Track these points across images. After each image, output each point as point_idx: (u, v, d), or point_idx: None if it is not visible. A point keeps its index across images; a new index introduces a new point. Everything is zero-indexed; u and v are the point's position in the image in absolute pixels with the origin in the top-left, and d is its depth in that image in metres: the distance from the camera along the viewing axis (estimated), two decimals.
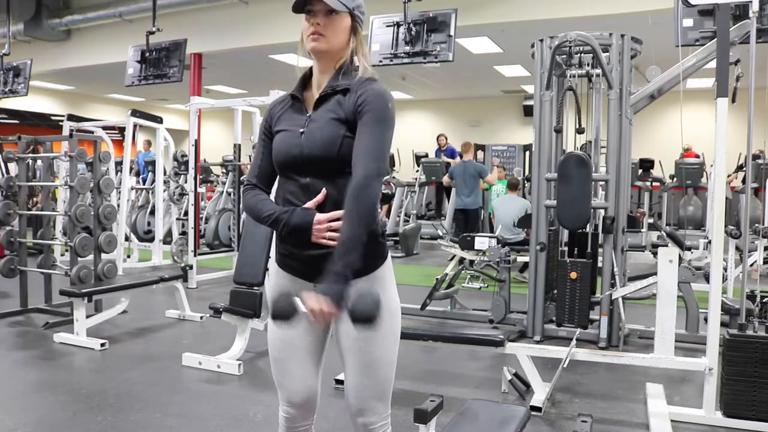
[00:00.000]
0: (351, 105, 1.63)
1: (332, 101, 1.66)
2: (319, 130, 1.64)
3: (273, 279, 1.80)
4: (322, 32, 1.63)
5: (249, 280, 4.19)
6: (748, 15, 3.25)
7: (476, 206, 8.47)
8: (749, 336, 3.02)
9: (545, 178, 4.41)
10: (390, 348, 1.71)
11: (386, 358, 1.70)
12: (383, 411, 1.73)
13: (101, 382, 3.73)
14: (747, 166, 3.75)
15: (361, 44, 1.71)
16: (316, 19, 1.63)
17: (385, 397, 1.73)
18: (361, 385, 1.70)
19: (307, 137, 1.65)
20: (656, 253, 4.07)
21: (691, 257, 5.12)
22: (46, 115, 16.17)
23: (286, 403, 1.78)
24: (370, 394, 1.70)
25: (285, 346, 1.75)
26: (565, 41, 4.05)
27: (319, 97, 1.69)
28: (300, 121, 1.69)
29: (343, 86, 1.65)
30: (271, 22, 8.64)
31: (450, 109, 16.07)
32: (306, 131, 1.66)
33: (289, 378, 1.76)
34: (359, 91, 1.63)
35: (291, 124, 1.71)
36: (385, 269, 1.71)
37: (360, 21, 1.70)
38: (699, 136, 8.11)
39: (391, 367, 1.72)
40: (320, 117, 1.66)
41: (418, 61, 5.28)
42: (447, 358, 4.25)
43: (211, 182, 11.11)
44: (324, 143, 1.62)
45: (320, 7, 1.61)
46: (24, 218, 5.53)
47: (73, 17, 9.82)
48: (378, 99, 1.62)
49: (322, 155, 1.62)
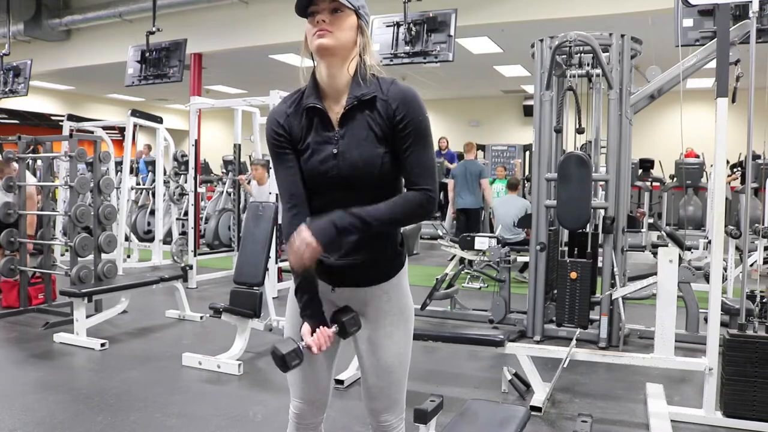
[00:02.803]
0: (386, 117, 1.57)
1: (363, 116, 1.58)
2: (355, 149, 1.57)
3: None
4: (328, 29, 1.54)
5: (249, 280, 4.19)
6: (748, 15, 3.24)
7: (477, 206, 8.40)
8: (749, 336, 3.02)
9: (545, 178, 4.41)
10: (404, 352, 1.75)
11: (401, 360, 1.74)
12: (401, 411, 1.80)
13: (101, 382, 3.73)
14: (747, 166, 3.75)
15: (368, 44, 1.64)
16: (321, 17, 1.55)
17: (401, 398, 1.79)
18: (376, 388, 1.75)
19: (344, 158, 1.58)
20: (656, 253, 4.08)
21: (691, 257, 5.11)
22: (46, 115, 16.17)
23: (299, 399, 1.79)
24: (386, 396, 1.75)
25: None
26: (565, 41, 4.05)
27: (344, 111, 1.60)
28: (329, 138, 1.60)
29: (369, 95, 1.58)
30: (271, 22, 8.64)
31: (450, 109, 16.07)
32: (339, 151, 1.58)
33: (302, 376, 1.76)
34: (393, 103, 1.57)
35: (319, 141, 1.61)
36: (401, 276, 1.74)
37: (366, 20, 1.64)
38: (699, 136, 8.10)
39: (405, 369, 1.77)
40: (353, 135, 1.58)
41: (418, 61, 5.28)
42: (447, 358, 4.25)
43: (211, 182, 11.11)
44: (364, 164, 1.57)
45: (324, 5, 1.54)
46: (24, 218, 5.53)
47: (73, 17, 9.81)
48: (417, 110, 1.59)
49: (361, 176, 1.58)
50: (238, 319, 4.12)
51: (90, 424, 3.06)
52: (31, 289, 5.51)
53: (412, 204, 1.60)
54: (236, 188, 8.51)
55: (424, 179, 1.59)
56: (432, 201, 1.60)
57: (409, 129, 1.57)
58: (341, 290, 1.70)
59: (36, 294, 5.54)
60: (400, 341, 1.72)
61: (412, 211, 1.60)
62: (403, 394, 1.80)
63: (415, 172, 1.59)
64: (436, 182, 1.62)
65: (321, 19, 1.55)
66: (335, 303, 1.72)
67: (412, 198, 1.60)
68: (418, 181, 1.59)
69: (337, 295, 1.71)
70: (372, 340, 1.71)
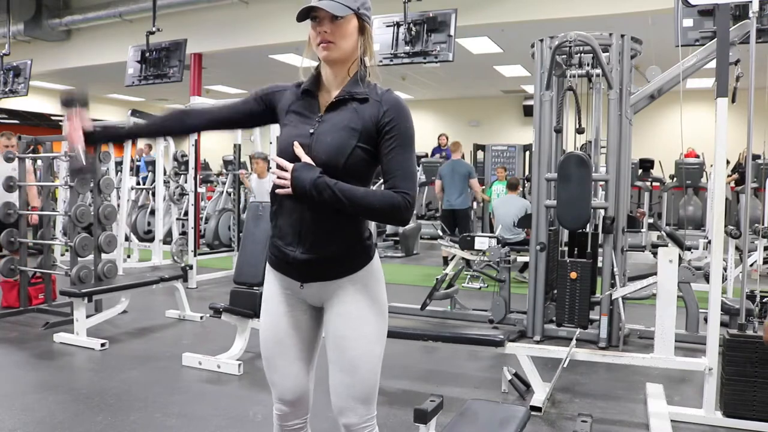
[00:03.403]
0: (373, 117, 1.62)
1: (348, 108, 1.64)
2: (330, 134, 1.62)
3: (266, 278, 1.82)
4: (330, 39, 1.60)
5: (249, 280, 4.19)
6: (748, 15, 3.24)
7: (465, 207, 8.17)
8: (749, 336, 3.02)
9: (545, 178, 4.41)
10: (372, 348, 1.69)
11: (367, 357, 1.68)
12: (365, 413, 1.69)
13: (101, 382, 3.73)
14: (747, 166, 3.75)
15: (369, 43, 1.68)
16: (322, 27, 1.59)
17: (368, 399, 1.70)
18: (341, 384, 1.70)
19: (317, 139, 1.63)
20: (656, 253, 4.07)
21: (691, 257, 5.10)
22: (46, 115, 16.16)
23: (279, 400, 1.81)
24: (350, 394, 1.68)
25: (275, 344, 1.77)
26: (565, 41, 4.04)
27: (334, 101, 1.66)
28: (310, 120, 1.67)
29: (362, 95, 1.64)
30: (271, 22, 8.64)
31: (450, 109, 16.06)
32: (316, 132, 1.64)
33: (279, 375, 1.78)
34: (385, 106, 1.63)
35: (301, 120, 1.68)
36: (371, 269, 1.71)
37: (367, 18, 1.66)
38: (699, 136, 8.10)
39: (373, 367, 1.69)
40: (333, 121, 1.64)
41: (418, 61, 5.28)
42: (447, 358, 4.25)
43: (211, 182, 11.11)
44: (333, 149, 1.60)
45: (325, 14, 1.58)
46: (24, 218, 5.53)
47: (73, 17, 9.81)
48: (406, 118, 1.64)
49: (329, 161, 1.60)
50: (238, 319, 4.12)
51: (90, 424, 3.06)
52: (31, 289, 5.51)
53: (389, 201, 1.60)
54: (236, 188, 8.52)
55: (404, 183, 1.61)
56: (409, 206, 1.61)
57: (395, 133, 1.62)
58: (309, 286, 1.70)
59: (36, 294, 5.54)
60: (368, 335, 1.68)
61: (388, 208, 1.60)
62: (372, 395, 1.71)
63: (397, 175, 1.61)
64: (415, 190, 1.62)
65: (323, 30, 1.59)
66: (306, 300, 1.75)
67: (390, 196, 1.60)
68: (399, 184, 1.61)
69: (306, 291, 1.72)
70: (338, 333, 1.68)
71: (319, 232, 1.63)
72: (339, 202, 1.57)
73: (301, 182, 1.57)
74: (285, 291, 1.75)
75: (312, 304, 1.76)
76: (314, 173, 1.57)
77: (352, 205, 1.58)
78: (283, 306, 1.75)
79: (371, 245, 1.73)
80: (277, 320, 1.76)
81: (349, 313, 1.68)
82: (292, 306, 1.75)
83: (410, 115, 1.66)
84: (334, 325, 1.69)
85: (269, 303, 1.78)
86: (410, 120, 1.66)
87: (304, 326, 1.77)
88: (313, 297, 1.73)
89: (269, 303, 1.78)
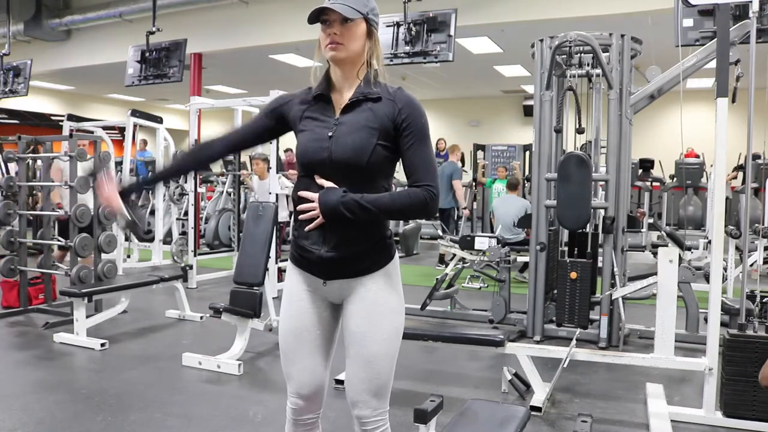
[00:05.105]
0: (389, 115, 1.68)
1: (363, 108, 1.69)
2: (350, 135, 1.67)
3: (288, 274, 1.85)
4: (339, 41, 1.66)
5: (249, 280, 4.19)
6: (748, 15, 3.25)
7: (449, 206, 8.56)
8: (749, 336, 3.02)
9: (545, 178, 4.41)
10: (390, 344, 1.74)
11: (384, 353, 1.73)
12: (378, 407, 1.75)
13: (101, 382, 3.73)
14: (747, 166, 3.75)
15: (376, 47, 1.76)
16: (332, 29, 1.66)
17: (381, 393, 1.75)
18: (356, 378, 1.74)
19: (337, 141, 1.67)
20: (656, 253, 4.08)
21: (691, 257, 5.11)
22: (46, 115, 16.16)
23: (295, 394, 1.82)
24: (365, 388, 1.73)
25: (295, 338, 1.80)
26: (565, 41, 4.05)
27: (349, 102, 1.71)
28: (327, 123, 1.71)
29: (375, 94, 1.70)
30: (271, 22, 8.64)
31: (450, 109, 16.06)
32: (335, 135, 1.68)
33: (297, 369, 1.80)
34: (399, 104, 1.69)
35: (317, 124, 1.72)
36: (391, 268, 1.77)
37: (375, 24, 1.74)
38: (699, 136, 8.11)
39: (389, 363, 1.75)
40: (351, 122, 1.68)
41: (418, 61, 5.28)
42: (447, 358, 4.25)
43: (211, 182, 11.11)
44: (355, 149, 1.65)
45: (335, 16, 1.65)
46: (24, 218, 5.53)
47: (73, 17, 9.82)
48: (421, 114, 1.71)
49: (352, 162, 1.65)
50: (238, 319, 4.12)
51: (90, 424, 3.06)
52: (31, 289, 5.51)
53: (415, 198, 1.67)
54: (236, 188, 8.52)
55: (426, 176, 1.68)
56: (434, 198, 1.67)
57: (412, 129, 1.68)
58: (332, 283, 1.74)
59: (36, 294, 5.55)
60: (386, 332, 1.73)
61: (417, 205, 1.67)
62: (386, 390, 1.77)
63: (420, 169, 1.68)
64: (437, 181, 1.69)
65: (333, 32, 1.66)
66: (326, 297, 1.78)
67: (414, 193, 1.67)
68: (422, 178, 1.67)
69: (328, 288, 1.76)
70: (358, 329, 1.73)
71: (344, 233, 1.68)
72: (370, 213, 1.63)
73: (330, 207, 1.63)
74: (306, 288, 1.79)
75: (332, 301, 1.80)
76: (338, 194, 1.63)
77: (382, 212, 1.65)
78: (304, 302, 1.79)
79: (392, 243, 1.79)
80: (297, 315, 1.79)
81: (369, 310, 1.72)
82: (312, 302, 1.79)
83: (424, 111, 1.72)
84: (354, 321, 1.73)
85: (290, 299, 1.82)
86: (424, 115, 1.72)
87: (323, 322, 1.81)
88: (334, 294, 1.77)
89: (290, 299, 1.82)
